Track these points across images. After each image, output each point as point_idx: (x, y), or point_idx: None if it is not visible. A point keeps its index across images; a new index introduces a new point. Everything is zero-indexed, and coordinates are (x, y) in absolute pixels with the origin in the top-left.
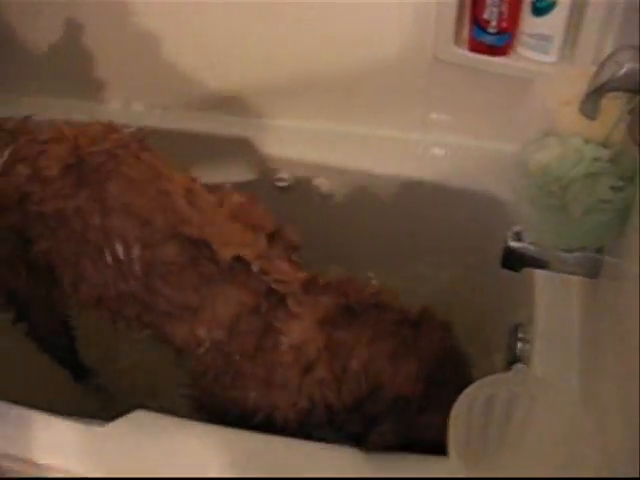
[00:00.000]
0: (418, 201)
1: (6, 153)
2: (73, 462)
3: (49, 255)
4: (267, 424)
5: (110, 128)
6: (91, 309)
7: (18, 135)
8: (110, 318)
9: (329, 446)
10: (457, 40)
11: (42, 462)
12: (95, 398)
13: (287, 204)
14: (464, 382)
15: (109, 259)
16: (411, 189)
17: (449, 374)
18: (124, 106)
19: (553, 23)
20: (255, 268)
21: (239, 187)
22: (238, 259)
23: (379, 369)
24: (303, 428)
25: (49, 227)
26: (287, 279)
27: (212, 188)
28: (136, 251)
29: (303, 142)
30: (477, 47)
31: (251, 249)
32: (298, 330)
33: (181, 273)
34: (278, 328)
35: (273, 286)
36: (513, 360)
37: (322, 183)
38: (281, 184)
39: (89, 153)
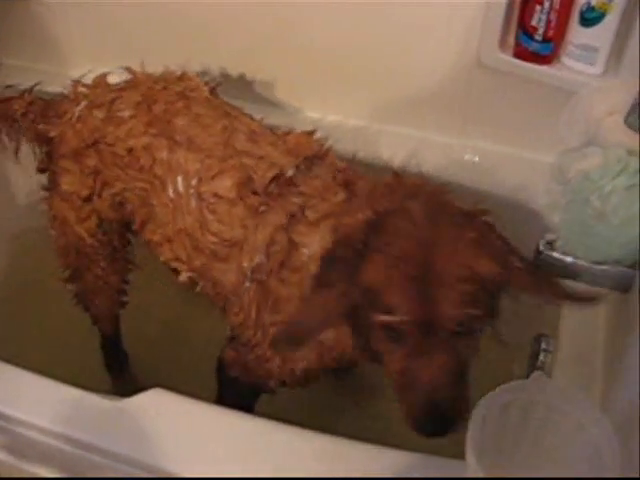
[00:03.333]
0: None
1: (83, 102)
2: (85, 433)
3: (122, 196)
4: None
5: (184, 75)
6: (154, 250)
7: (95, 88)
8: (168, 261)
9: (345, 441)
10: (502, 45)
11: (54, 429)
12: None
13: None
14: None
15: (171, 193)
16: None
17: None
18: None
19: (601, 35)
20: (293, 187)
21: None
22: (276, 178)
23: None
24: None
25: (122, 167)
26: (316, 193)
27: (276, 132)
28: (194, 184)
29: (340, 137)
30: (522, 54)
31: (287, 169)
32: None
33: (230, 208)
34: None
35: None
36: (534, 370)
37: None
38: None
39: (161, 94)
